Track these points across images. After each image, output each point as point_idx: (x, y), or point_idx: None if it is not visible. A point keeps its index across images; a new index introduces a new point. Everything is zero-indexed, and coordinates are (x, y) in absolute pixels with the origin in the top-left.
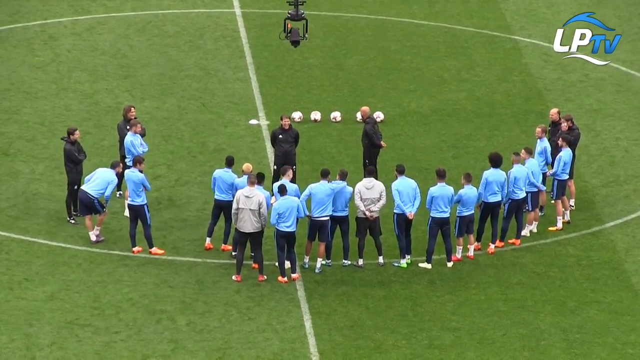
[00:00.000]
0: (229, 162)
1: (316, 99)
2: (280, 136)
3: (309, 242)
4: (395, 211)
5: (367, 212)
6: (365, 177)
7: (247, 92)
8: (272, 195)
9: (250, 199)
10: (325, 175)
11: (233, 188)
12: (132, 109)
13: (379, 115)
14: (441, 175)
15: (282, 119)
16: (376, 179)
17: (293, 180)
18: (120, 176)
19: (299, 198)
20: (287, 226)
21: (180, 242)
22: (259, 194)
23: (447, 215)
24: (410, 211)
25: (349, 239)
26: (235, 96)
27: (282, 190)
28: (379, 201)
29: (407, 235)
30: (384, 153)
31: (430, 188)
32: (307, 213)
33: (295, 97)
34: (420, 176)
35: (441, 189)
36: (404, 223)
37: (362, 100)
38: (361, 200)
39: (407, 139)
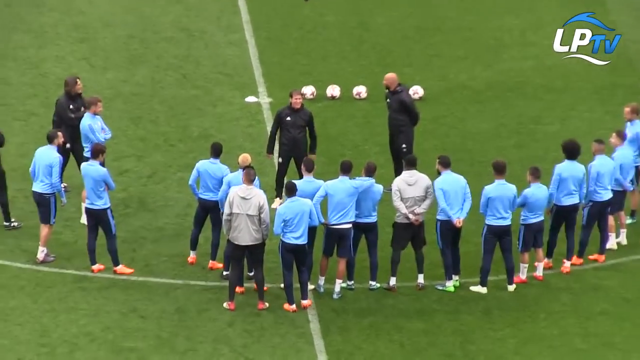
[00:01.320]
0: (216, 151)
1: (334, 69)
2: (289, 118)
3: (325, 258)
4: (438, 217)
5: (410, 216)
6: (405, 169)
7: (242, 60)
8: (277, 197)
9: (247, 201)
10: (346, 169)
11: (224, 186)
12: (78, 80)
13: (416, 91)
14: (500, 170)
15: (291, 96)
16: (400, 167)
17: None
18: (65, 153)
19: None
20: (296, 237)
21: (155, 257)
22: (259, 194)
23: (507, 222)
24: (458, 217)
25: (377, 253)
26: (227, 65)
27: (290, 191)
28: (424, 200)
29: (455, 249)
30: (422, 141)
31: (486, 187)
32: (323, 220)
33: (306, 66)
34: (471, 171)
35: (500, 188)
36: (450, 233)
37: (393, 71)
38: (402, 200)
39: (455, 122)
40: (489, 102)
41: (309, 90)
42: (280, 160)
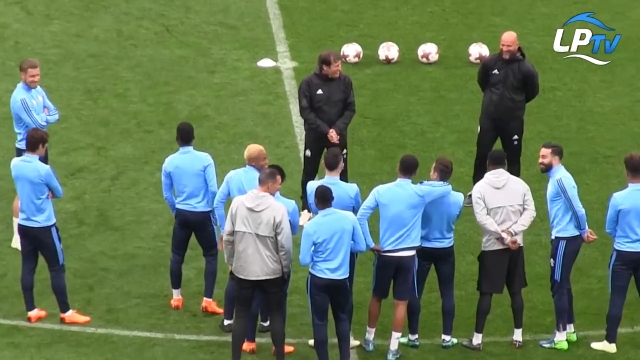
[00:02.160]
0: (185, 135)
1: (389, 18)
2: (320, 92)
3: (375, 301)
4: (562, 235)
5: (505, 236)
6: (489, 168)
7: (253, 4)
8: (304, 209)
9: (257, 214)
10: (408, 169)
11: (223, 186)
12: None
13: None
14: (636, 169)
15: (327, 63)
16: (516, 173)
17: (345, 180)
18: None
19: (355, 212)
20: (333, 269)
21: (123, 299)
22: (274, 205)
23: None
24: (590, 230)
25: (453, 293)
26: (230, 13)
27: (323, 199)
28: (522, 213)
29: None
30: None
31: (615, 195)
32: (372, 243)
33: (348, 14)
34: (593, 170)
35: (637, 196)
36: (574, 256)
37: (479, 21)
38: (488, 213)
39: (568, 98)
40: (620, 67)
41: (352, 51)
42: (308, 153)
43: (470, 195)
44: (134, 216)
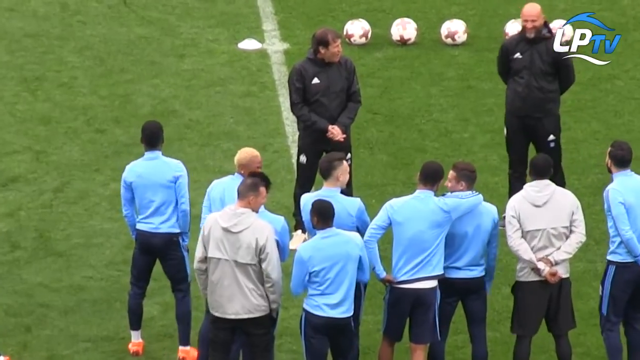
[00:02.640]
0: (151, 137)
1: None
2: (316, 80)
3: (386, 345)
4: (612, 258)
5: (541, 266)
6: (532, 177)
7: None
8: (297, 229)
9: (235, 236)
10: (430, 178)
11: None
12: None
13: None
14: None
15: (325, 44)
16: (560, 183)
17: (350, 192)
18: None
19: (361, 233)
20: (333, 305)
21: (69, 343)
22: (257, 224)
23: None
24: None
25: (485, 335)
26: None
27: (323, 216)
28: (568, 236)
29: (636, 322)
30: (570, 125)
31: None
32: (383, 273)
33: None
34: None
35: None
36: (629, 290)
37: None
38: (523, 235)
39: (634, 89)
40: None
41: (357, 29)
42: (303, 159)
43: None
44: (82, 238)
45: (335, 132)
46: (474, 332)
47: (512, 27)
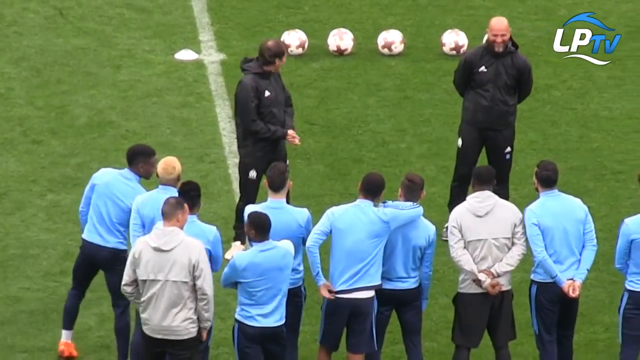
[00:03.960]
0: (134, 155)
1: (341, 0)
2: (268, 93)
3: (324, 354)
4: (533, 277)
5: (482, 278)
6: (475, 188)
7: None
8: (237, 240)
9: (166, 255)
10: (371, 191)
11: (133, 216)
12: None
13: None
14: None
15: (280, 52)
16: (506, 194)
17: (288, 202)
18: None
19: (302, 242)
20: (265, 314)
21: (5, 354)
22: (188, 241)
23: None
24: (570, 279)
25: (421, 345)
26: None
27: (261, 228)
28: (510, 248)
29: (565, 339)
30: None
31: (626, 221)
32: (323, 280)
33: None
34: (600, 188)
35: None
36: (555, 308)
37: (462, 5)
38: (465, 246)
39: (569, 99)
40: (633, 60)
41: (294, 39)
42: (253, 174)
43: (447, 228)
44: (19, 249)
45: (294, 135)
46: (409, 342)
47: (449, 38)
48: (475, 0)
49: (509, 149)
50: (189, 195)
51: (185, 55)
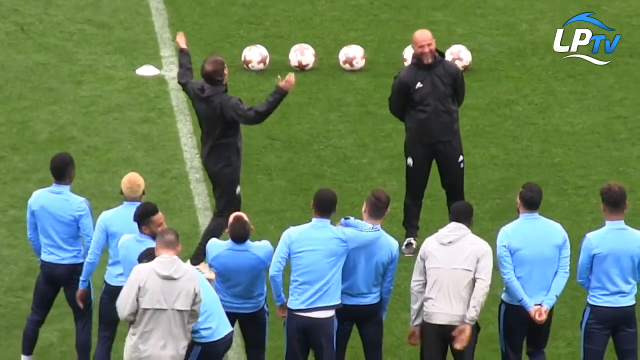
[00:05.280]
0: (59, 168)
1: (302, 15)
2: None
3: None
4: (503, 297)
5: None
6: (451, 221)
7: None
8: (202, 261)
9: (175, 283)
10: (323, 208)
11: (98, 233)
12: None
13: (457, 56)
14: (615, 203)
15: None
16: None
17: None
18: None
19: (265, 271)
20: (208, 330)
21: None
22: (190, 270)
23: (629, 302)
24: (538, 304)
25: (382, 357)
26: (101, 9)
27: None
28: (470, 283)
29: (536, 356)
30: (468, 150)
31: (589, 235)
32: (283, 300)
33: (252, 8)
34: (562, 204)
35: (616, 238)
36: (524, 328)
37: (416, 19)
38: (425, 272)
39: (530, 113)
40: (595, 75)
41: (255, 55)
42: (239, 189)
43: (407, 245)
44: None
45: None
46: (371, 357)
47: (410, 53)
48: (436, 16)
49: (461, 157)
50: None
51: (146, 70)
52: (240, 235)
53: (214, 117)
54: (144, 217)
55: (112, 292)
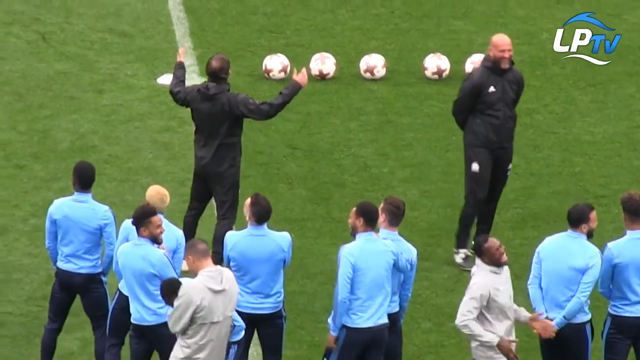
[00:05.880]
0: (83, 178)
1: (323, 24)
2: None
3: None
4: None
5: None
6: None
7: (152, 4)
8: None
9: (225, 293)
10: (373, 217)
11: (118, 241)
12: None
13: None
14: (636, 213)
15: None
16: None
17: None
18: None
19: (285, 265)
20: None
21: None
22: (230, 274)
23: None
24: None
25: None
26: (122, 16)
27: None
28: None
29: None
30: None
31: (610, 245)
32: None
33: (272, 17)
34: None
35: (637, 246)
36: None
37: (439, 25)
38: (487, 318)
39: (551, 122)
40: (615, 84)
41: (276, 64)
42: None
43: (466, 258)
44: (1, 274)
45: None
46: None
47: (431, 62)
48: (457, 25)
49: (510, 165)
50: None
51: (167, 79)
52: (262, 213)
53: (221, 115)
54: (143, 218)
55: (126, 302)
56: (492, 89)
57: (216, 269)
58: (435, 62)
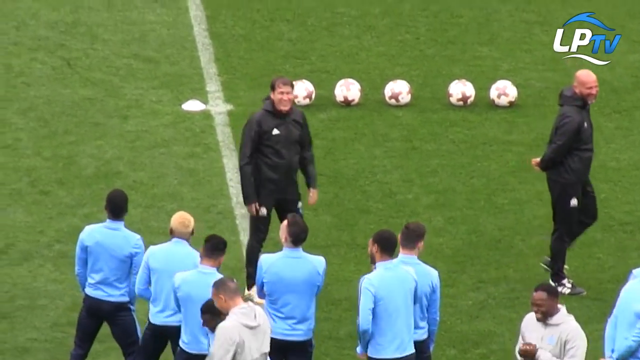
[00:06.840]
0: (116, 206)
1: (348, 50)
2: (277, 131)
3: None
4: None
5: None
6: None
7: (178, 31)
8: (249, 287)
9: (260, 329)
10: (392, 247)
11: (142, 269)
12: None
13: (503, 91)
14: None
15: (273, 88)
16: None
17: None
18: None
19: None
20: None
21: None
22: (261, 311)
23: None
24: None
25: None
26: (148, 42)
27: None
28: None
29: None
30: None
31: (635, 271)
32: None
33: (297, 43)
34: (611, 240)
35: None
36: None
37: (464, 53)
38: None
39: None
40: (631, 110)
41: (301, 90)
42: (264, 211)
43: (573, 285)
44: (27, 300)
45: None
46: None
47: (456, 88)
48: (482, 51)
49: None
50: (218, 248)
51: (192, 105)
52: (299, 233)
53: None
54: (220, 249)
55: (156, 331)
56: (585, 125)
57: (248, 305)
58: (460, 89)
